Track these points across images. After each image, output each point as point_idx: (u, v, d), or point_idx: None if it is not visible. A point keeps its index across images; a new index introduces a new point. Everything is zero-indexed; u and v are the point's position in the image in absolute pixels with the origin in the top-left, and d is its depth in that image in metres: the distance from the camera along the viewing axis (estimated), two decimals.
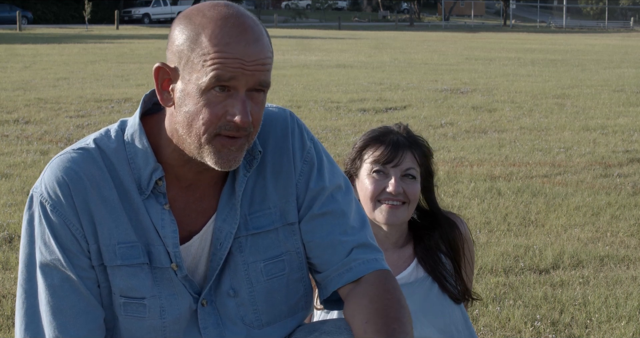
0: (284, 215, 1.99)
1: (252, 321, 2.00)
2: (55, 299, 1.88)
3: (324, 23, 66.59)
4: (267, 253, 1.99)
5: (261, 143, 1.99)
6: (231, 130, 1.81)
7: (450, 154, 8.48)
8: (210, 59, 1.77)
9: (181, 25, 1.84)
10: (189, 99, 1.81)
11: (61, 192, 1.87)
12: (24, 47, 27.30)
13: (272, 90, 14.50)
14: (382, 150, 2.64)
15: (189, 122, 1.81)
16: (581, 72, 19.25)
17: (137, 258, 1.91)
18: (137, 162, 1.91)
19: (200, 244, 1.97)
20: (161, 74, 1.86)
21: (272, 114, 2.03)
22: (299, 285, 2.04)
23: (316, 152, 2.04)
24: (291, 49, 28.15)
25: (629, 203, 6.40)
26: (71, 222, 1.88)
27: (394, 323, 1.85)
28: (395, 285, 1.95)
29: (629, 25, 67.89)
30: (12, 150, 8.58)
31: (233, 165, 1.84)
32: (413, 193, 2.64)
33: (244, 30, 1.79)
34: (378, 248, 2.02)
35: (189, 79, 1.80)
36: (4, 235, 5.34)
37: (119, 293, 1.92)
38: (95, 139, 1.95)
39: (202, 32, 1.79)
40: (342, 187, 2.04)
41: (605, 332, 3.92)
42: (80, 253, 1.89)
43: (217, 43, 1.77)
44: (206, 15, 1.81)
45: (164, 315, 1.94)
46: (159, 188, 1.91)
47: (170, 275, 1.94)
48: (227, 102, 1.80)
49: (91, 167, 1.90)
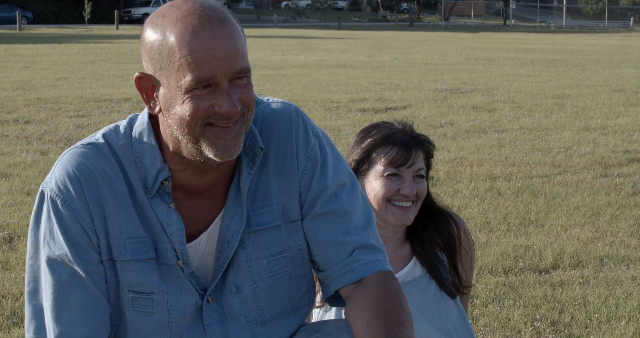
0: (287, 212, 1.99)
1: (255, 318, 2.00)
2: (62, 294, 1.89)
3: (323, 23, 66.59)
4: (269, 250, 1.98)
5: (265, 139, 1.97)
6: (222, 120, 1.81)
7: (450, 154, 8.48)
8: (182, 63, 1.77)
9: (148, 30, 1.83)
10: (173, 101, 1.81)
11: (72, 185, 1.87)
12: (24, 47, 27.29)
13: (272, 90, 14.52)
14: (395, 153, 2.64)
15: (180, 122, 1.81)
16: (581, 72, 19.25)
17: (145, 253, 1.91)
18: (144, 161, 1.91)
19: (207, 242, 1.97)
20: (142, 83, 1.86)
21: (277, 110, 2.01)
22: (302, 282, 2.04)
23: (321, 149, 2.01)
24: (291, 49, 28.15)
25: (629, 203, 6.40)
26: (82, 215, 1.88)
27: (396, 326, 1.85)
28: (397, 288, 1.94)
29: (629, 25, 67.88)
30: (12, 150, 8.58)
31: (234, 153, 1.84)
32: (422, 191, 2.67)
33: (209, 25, 1.77)
34: (380, 248, 2.01)
35: (169, 83, 1.80)
36: (4, 235, 5.34)
37: (128, 288, 1.92)
38: (104, 134, 1.95)
39: (168, 35, 1.78)
40: (347, 184, 2.02)
41: (605, 332, 3.92)
42: (90, 247, 1.89)
43: (185, 44, 1.76)
44: (168, 16, 1.80)
45: (171, 310, 1.94)
46: (165, 188, 1.91)
47: (177, 271, 1.94)
48: (211, 96, 1.79)
49: (102, 162, 1.90)
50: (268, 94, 13.81)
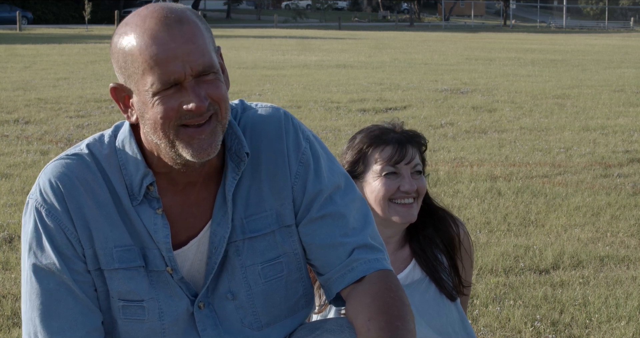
0: (280, 218, 1.98)
1: (251, 323, 2.00)
2: (52, 303, 1.89)
3: (324, 23, 66.59)
4: (264, 256, 1.98)
5: (255, 145, 1.97)
6: (193, 118, 1.81)
7: (450, 154, 8.48)
8: (145, 67, 1.78)
9: (114, 40, 1.85)
10: (145, 107, 1.82)
11: (55, 196, 1.89)
12: (24, 47, 27.30)
13: (272, 90, 14.52)
14: (391, 150, 2.63)
15: (154, 126, 1.82)
16: (581, 72, 19.25)
17: (133, 261, 1.91)
18: (129, 168, 1.92)
19: (198, 248, 1.97)
20: (118, 93, 1.88)
21: (265, 115, 2.00)
22: (297, 286, 2.04)
23: (312, 152, 2.01)
24: (291, 49, 28.15)
25: (629, 204, 6.40)
26: (66, 226, 1.89)
27: (397, 320, 1.85)
28: (397, 284, 1.94)
29: (629, 25, 67.88)
30: (12, 150, 8.58)
31: (210, 152, 1.84)
32: (423, 187, 2.66)
33: (167, 26, 1.78)
34: (380, 247, 2.00)
35: (138, 89, 1.82)
36: (4, 235, 5.34)
37: (118, 297, 1.93)
38: (89, 144, 1.96)
39: (130, 41, 1.79)
40: (342, 186, 2.02)
41: (605, 332, 3.92)
42: (75, 257, 1.90)
43: (145, 48, 1.77)
44: (130, 24, 1.81)
45: (162, 317, 1.94)
46: (152, 193, 1.92)
47: (166, 278, 1.94)
48: (178, 95, 1.80)
49: (84, 172, 1.91)
50: (268, 94, 13.82)
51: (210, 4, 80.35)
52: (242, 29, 50.37)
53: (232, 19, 70.75)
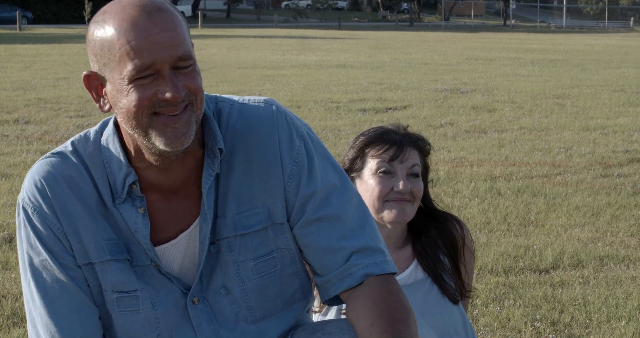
0: (272, 215, 1.96)
1: (246, 317, 1.99)
2: (48, 300, 1.91)
3: (324, 23, 66.59)
4: (257, 252, 1.97)
5: (245, 141, 1.95)
6: (168, 107, 1.80)
7: (450, 154, 8.48)
8: (122, 53, 1.77)
9: (90, 28, 1.84)
10: (119, 95, 1.81)
11: (39, 194, 1.90)
12: (24, 47, 27.29)
13: (272, 90, 14.52)
14: (387, 148, 2.62)
15: (127, 115, 1.81)
16: (581, 72, 19.25)
17: (121, 253, 1.92)
18: (112, 166, 1.92)
19: (189, 241, 1.96)
20: (91, 81, 1.87)
21: (256, 110, 1.97)
22: (293, 279, 2.03)
23: (307, 151, 1.97)
24: (291, 49, 28.15)
25: (629, 203, 6.40)
26: (52, 222, 1.90)
27: (400, 324, 1.84)
28: (397, 287, 1.93)
29: (629, 25, 67.88)
30: (12, 150, 8.58)
31: (184, 141, 1.82)
32: (418, 191, 2.63)
33: (147, 13, 1.78)
34: (379, 248, 1.98)
35: (113, 77, 1.80)
36: (4, 235, 5.35)
37: (111, 289, 1.93)
38: (73, 141, 1.97)
39: (108, 29, 1.79)
40: (338, 185, 1.98)
41: (605, 332, 3.92)
42: (64, 252, 1.91)
43: (124, 34, 1.77)
44: (108, 12, 1.81)
45: (155, 306, 1.94)
46: (135, 192, 1.91)
47: (152, 271, 1.95)
48: (154, 84, 1.79)
49: (68, 169, 1.92)
50: (268, 94, 13.81)
51: (210, 4, 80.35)
52: (242, 28, 50.35)
53: (232, 18, 70.76)
